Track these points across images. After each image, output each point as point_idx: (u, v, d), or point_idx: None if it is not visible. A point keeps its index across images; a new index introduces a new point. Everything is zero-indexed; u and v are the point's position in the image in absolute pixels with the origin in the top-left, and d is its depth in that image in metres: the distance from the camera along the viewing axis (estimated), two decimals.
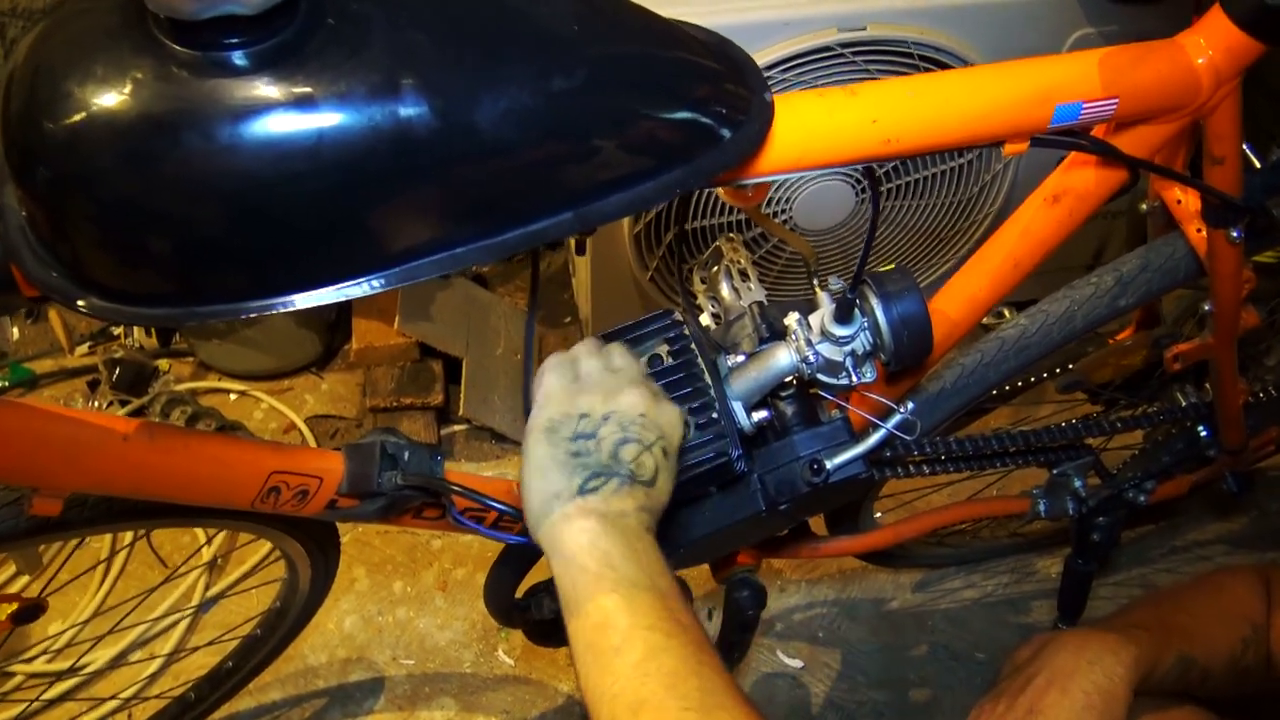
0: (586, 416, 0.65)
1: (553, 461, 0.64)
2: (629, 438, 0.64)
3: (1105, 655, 0.84)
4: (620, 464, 0.64)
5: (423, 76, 0.49)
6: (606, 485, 0.63)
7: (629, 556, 0.60)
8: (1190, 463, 1.30)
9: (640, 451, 0.64)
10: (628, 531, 0.62)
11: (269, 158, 0.47)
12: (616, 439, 0.64)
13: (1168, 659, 0.88)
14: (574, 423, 0.65)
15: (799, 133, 0.65)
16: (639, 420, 0.65)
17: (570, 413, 0.65)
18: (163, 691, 1.38)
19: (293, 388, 1.86)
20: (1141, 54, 0.73)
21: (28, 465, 0.66)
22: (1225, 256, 0.90)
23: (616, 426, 0.64)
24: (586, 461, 0.63)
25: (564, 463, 0.63)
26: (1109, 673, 0.83)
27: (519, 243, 0.54)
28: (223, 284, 0.51)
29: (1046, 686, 0.85)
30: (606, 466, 0.63)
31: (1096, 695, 0.83)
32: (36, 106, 0.48)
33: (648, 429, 0.65)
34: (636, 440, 0.64)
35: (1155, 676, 0.87)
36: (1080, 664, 0.84)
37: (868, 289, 0.82)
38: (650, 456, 0.65)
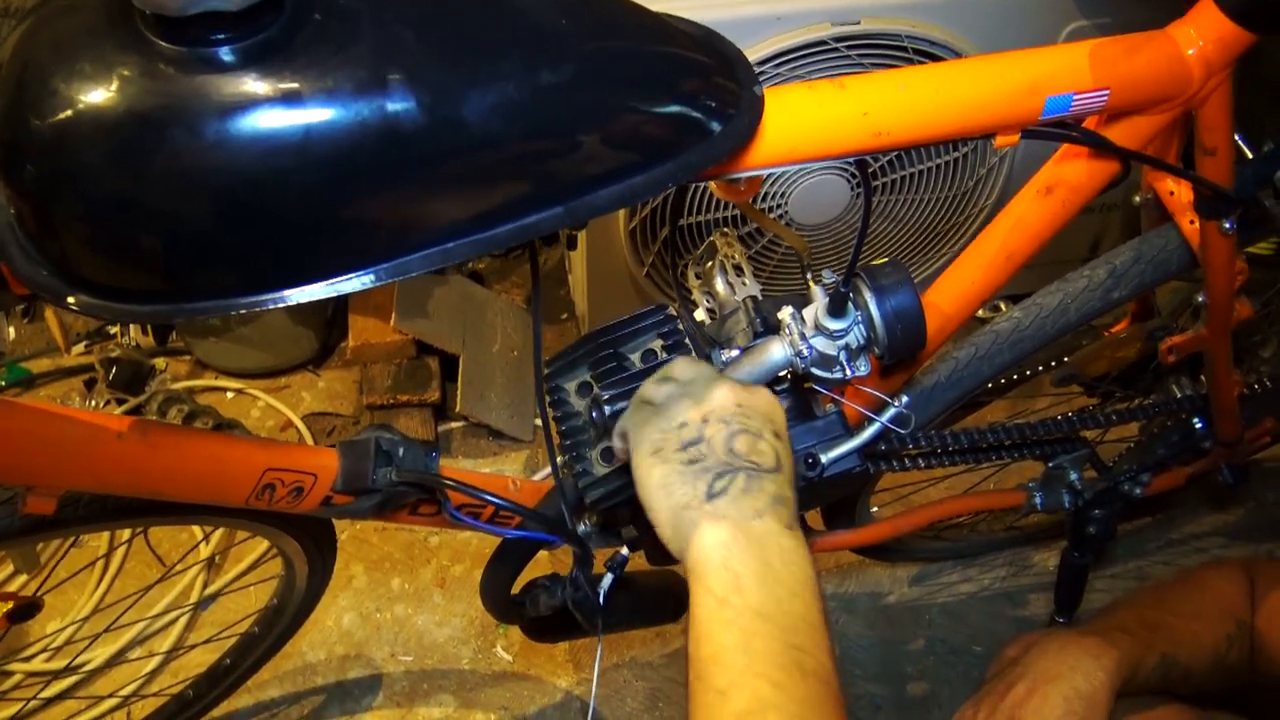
0: (685, 425, 0.61)
1: (673, 475, 0.60)
2: (736, 430, 0.61)
3: (1086, 660, 0.84)
4: (739, 457, 0.60)
5: (410, 71, 0.49)
6: (734, 482, 0.59)
7: (762, 576, 0.56)
8: (1186, 455, 1.31)
9: (754, 440, 0.61)
10: (765, 541, 0.57)
11: (256, 154, 0.47)
12: (725, 434, 0.61)
13: (1150, 660, 0.88)
14: (676, 435, 0.61)
15: (789, 126, 0.65)
16: (737, 411, 0.62)
17: (668, 429, 0.62)
18: (161, 689, 1.38)
19: (289, 385, 1.86)
20: (1132, 45, 0.73)
21: (20, 463, 0.66)
22: (1218, 248, 0.90)
23: (719, 424, 0.61)
24: (706, 465, 0.60)
25: (683, 473, 0.60)
26: (1090, 677, 0.83)
27: (509, 237, 0.54)
28: (212, 280, 0.51)
29: (1028, 693, 0.85)
30: (727, 464, 0.60)
31: (1077, 701, 0.83)
32: (23, 104, 0.48)
33: (750, 417, 0.62)
34: (745, 430, 0.61)
35: (1138, 678, 0.87)
36: (1061, 669, 0.84)
37: (861, 282, 0.82)
38: (765, 443, 0.61)
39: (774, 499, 0.59)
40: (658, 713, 1.47)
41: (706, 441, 0.60)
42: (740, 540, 0.57)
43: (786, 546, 0.58)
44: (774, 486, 0.60)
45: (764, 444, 0.61)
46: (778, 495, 0.60)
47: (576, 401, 0.83)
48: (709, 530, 0.57)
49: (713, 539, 0.57)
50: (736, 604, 0.55)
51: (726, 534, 0.57)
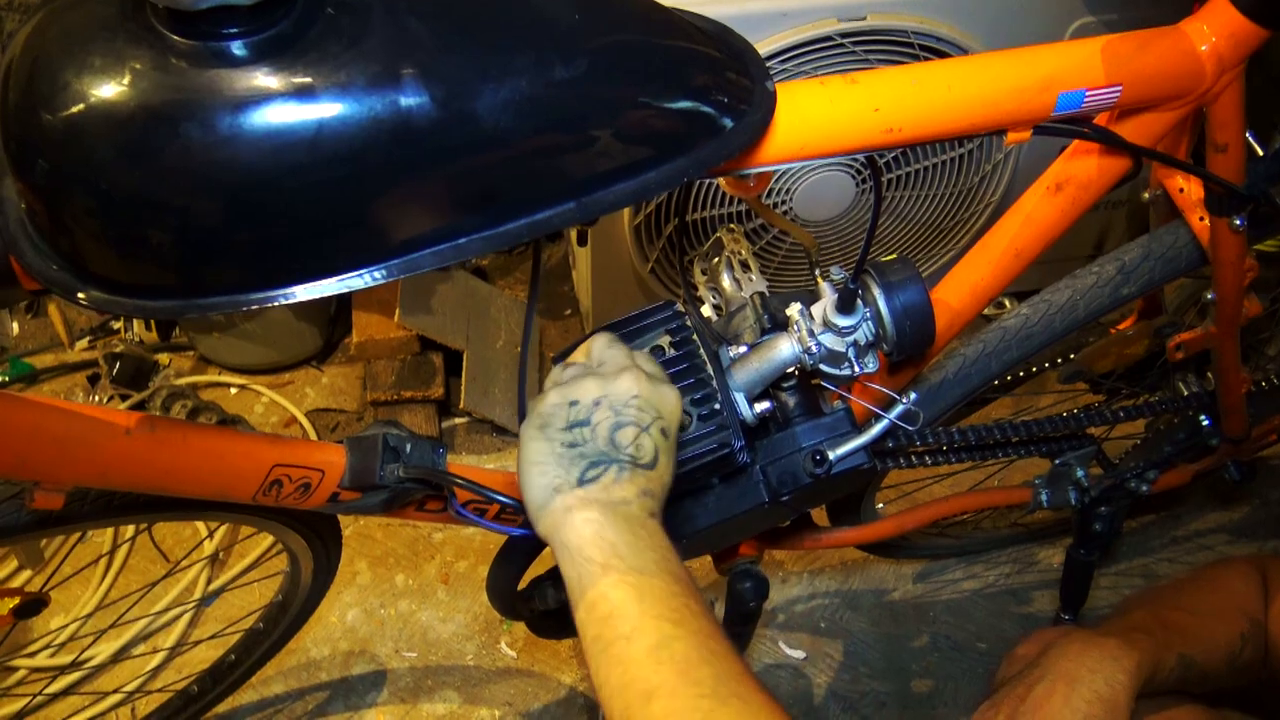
0: (577, 404, 0.64)
1: (550, 455, 0.63)
2: (623, 421, 0.63)
3: (1107, 662, 0.84)
4: (618, 449, 0.63)
5: (423, 66, 0.49)
6: (606, 473, 0.62)
7: (635, 545, 0.59)
8: (1192, 452, 1.30)
9: (637, 434, 0.63)
10: (631, 519, 0.61)
11: (268, 149, 0.47)
12: (611, 423, 0.63)
13: (1169, 662, 0.88)
14: (565, 412, 0.64)
15: (801, 122, 0.64)
16: (633, 402, 0.64)
17: (560, 403, 0.64)
18: (165, 685, 1.38)
19: (293, 381, 1.86)
20: (1145, 41, 0.72)
21: (29, 459, 0.66)
22: (1228, 245, 0.90)
23: (609, 411, 0.63)
24: (583, 451, 0.62)
25: (560, 455, 0.63)
26: (1111, 680, 0.83)
27: (521, 233, 0.54)
28: (223, 276, 0.50)
29: (1048, 694, 0.85)
30: (604, 454, 0.62)
31: (1098, 704, 0.82)
32: (34, 98, 0.48)
33: (643, 410, 0.64)
34: (632, 423, 0.63)
35: (1156, 680, 0.87)
36: (1082, 672, 0.84)
37: (870, 279, 0.81)
38: (649, 438, 0.64)
39: (642, 491, 0.62)
40: None
41: (592, 426, 0.63)
42: (611, 517, 0.60)
43: (654, 528, 0.62)
44: (644, 481, 0.63)
45: (647, 439, 0.64)
46: (645, 489, 0.63)
47: None
48: (580, 510, 0.60)
49: (584, 516, 0.60)
50: (618, 566, 0.58)
51: (597, 514, 0.60)
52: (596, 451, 0.62)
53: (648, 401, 0.64)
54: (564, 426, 0.63)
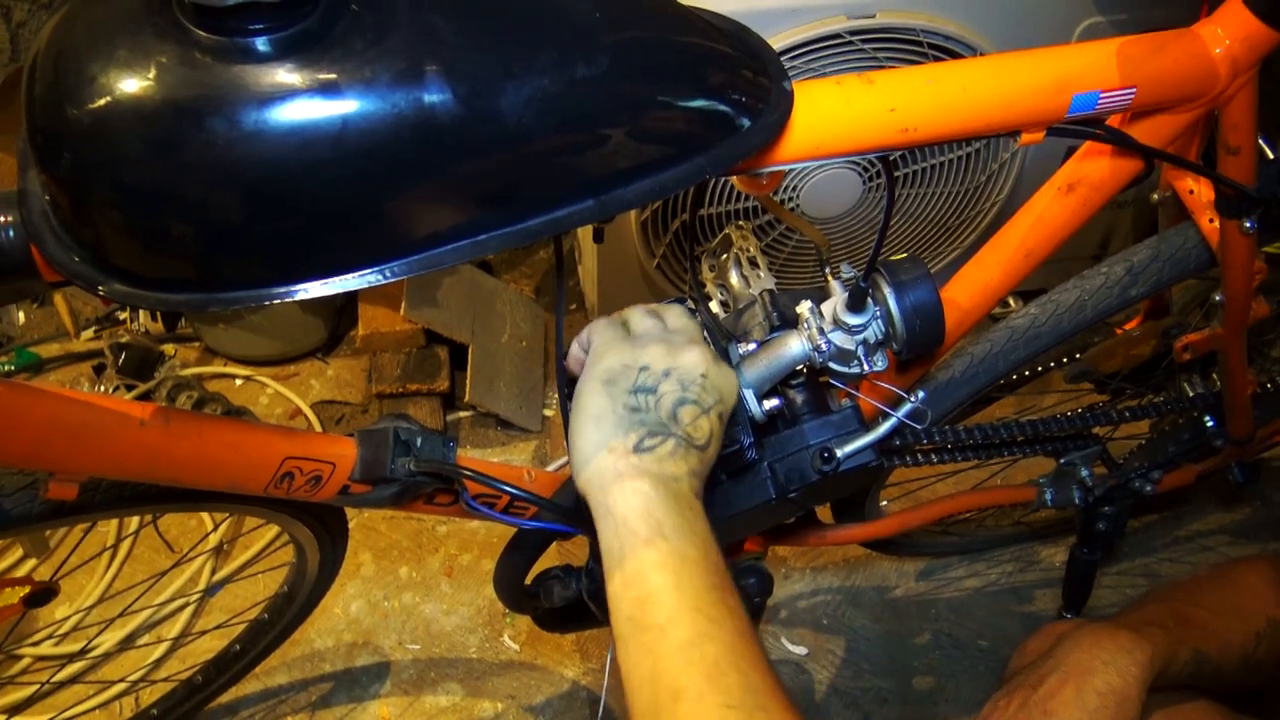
0: (647, 369, 0.63)
1: (610, 413, 0.62)
2: (688, 398, 0.63)
3: (1120, 655, 0.84)
4: (678, 425, 0.62)
5: (446, 63, 0.49)
6: (663, 446, 0.61)
7: (681, 527, 0.58)
8: (1197, 453, 1.31)
9: (699, 414, 0.63)
10: (680, 498, 0.60)
11: (293, 144, 0.47)
12: (676, 398, 0.62)
13: (1182, 656, 0.88)
14: (634, 375, 0.63)
15: (817, 121, 0.65)
16: (699, 381, 0.63)
17: (630, 364, 0.63)
18: (170, 675, 1.38)
19: (298, 373, 1.86)
20: (1159, 43, 0.73)
21: (45, 449, 0.66)
22: (1238, 247, 0.90)
23: (677, 385, 0.63)
24: (644, 419, 0.62)
25: (621, 417, 0.62)
26: (1123, 673, 0.83)
27: (540, 230, 0.54)
28: (244, 270, 0.51)
29: (1060, 686, 0.85)
30: (663, 426, 0.62)
31: (1110, 696, 0.83)
32: (59, 91, 0.48)
33: (707, 391, 0.64)
34: (695, 401, 0.63)
35: (1169, 674, 0.87)
36: (1095, 664, 0.84)
37: (880, 277, 0.82)
38: (707, 420, 0.63)
39: (692, 471, 0.62)
40: None
41: (658, 397, 0.63)
42: (662, 493, 0.59)
43: (699, 511, 0.61)
44: (697, 462, 0.63)
45: (706, 421, 0.63)
46: (695, 470, 0.62)
47: None
48: (632, 479, 0.60)
49: (634, 486, 0.59)
50: (663, 546, 0.57)
51: (648, 485, 0.59)
52: (657, 421, 0.62)
53: (713, 383, 0.64)
54: (630, 389, 0.63)
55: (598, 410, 0.62)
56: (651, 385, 0.63)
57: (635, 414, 0.62)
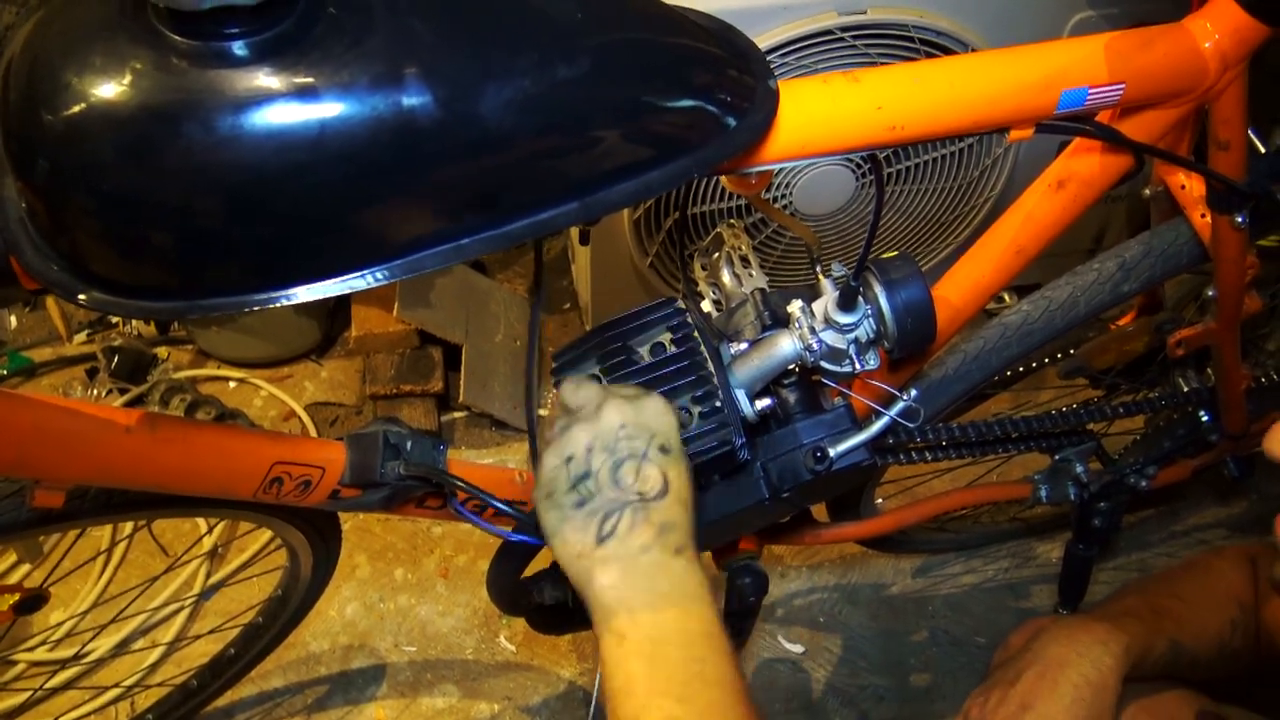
0: (573, 458, 0.62)
1: (563, 523, 0.62)
2: (619, 458, 0.62)
3: (1094, 646, 0.84)
4: (625, 490, 0.61)
5: (426, 66, 0.49)
6: (620, 521, 0.60)
7: (652, 605, 0.58)
8: (1192, 448, 1.31)
9: (637, 466, 0.62)
10: (654, 570, 0.60)
11: (271, 149, 0.47)
12: (609, 465, 0.61)
13: (1159, 646, 0.88)
14: (564, 472, 0.62)
15: (803, 120, 0.64)
16: (621, 434, 0.62)
17: (558, 464, 0.63)
18: (165, 679, 1.38)
19: (292, 375, 1.85)
20: (1148, 38, 0.72)
21: (30, 458, 0.66)
22: (1229, 242, 0.90)
23: (604, 453, 0.62)
24: (593, 506, 0.61)
25: (572, 519, 0.61)
26: (1098, 664, 0.83)
27: (524, 233, 0.53)
28: (225, 276, 0.50)
29: (1037, 680, 0.85)
30: (613, 500, 0.61)
31: (1086, 688, 0.83)
32: (35, 97, 0.48)
33: (634, 437, 0.62)
34: (628, 455, 0.62)
35: (1146, 664, 0.87)
36: (1070, 656, 0.85)
37: (871, 276, 0.81)
38: (650, 465, 0.62)
39: (660, 528, 0.61)
40: None
41: (593, 476, 0.62)
42: (629, 577, 0.59)
43: (675, 570, 0.60)
44: (659, 515, 0.61)
45: (649, 468, 0.62)
46: (664, 523, 0.61)
47: None
48: (600, 575, 0.60)
49: (605, 581, 0.60)
50: (635, 636, 0.58)
51: (616, 574, 0.60)
52: (606, 501, 0.61)
53: (636, 426, 0.63)
54: (568, 488, 0.62)
55: (554, 526, 0.62)
56: (584, 470, 0.62)
57: (583, 508, 0.61)
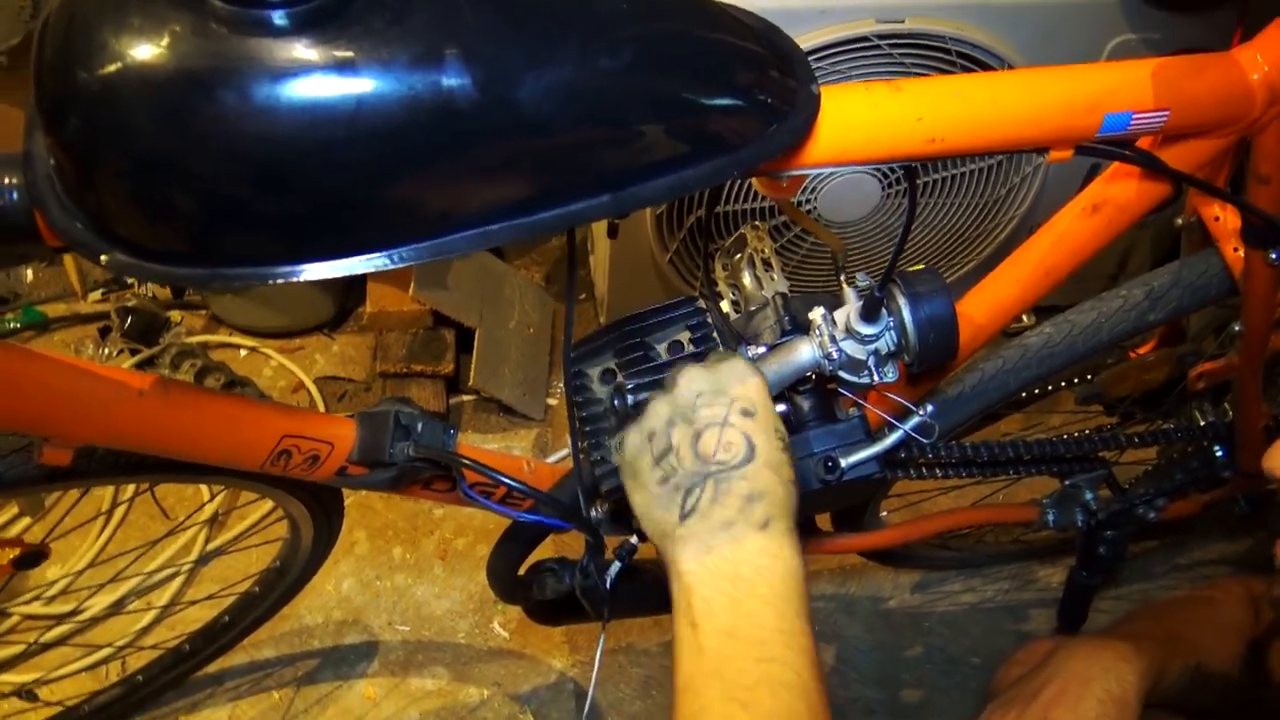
0: (654, 434, 0.61)
1: (650, 503, 0.60)
2: (698, 427, 0.59)
3: (1119, 663, 0.84)
4: (708, 459, 0.59)
5: (467, 47, 0.48)
6: (703, 496, 0.58)
7: (731, 597, 0.56)
8: (1204, 482, 1.29)
9: (718, 433, 0.59)
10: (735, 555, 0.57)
11: (305, 122, 0.46)
12: (689, 437, 0.59)
13: (1174, 669, 0.88)
14: (648, 449, 0.61)
15: (843, 127, 0.63)
16: (699, 401, 0.60)
17: (640, 442, 0.61)
18: (158, 642, 1.38)
19: (304, 347, 1.85)
20: (1196, 66, 0.71)
21: (40, 414, 0.66)
22: (1261, 278, 0.89)
23: (684, 425, 0.60)
24: (677, 481, 0.59)
25: (658, 496, 0.60)
26: (1122, 680, 0.83)
27: (553, 223, 0.53)
28: (249, 247, 0.49)
29: (1060, 694, 0.85)
30: (696, 473, 0.59)
31: (1110, 703, 0.83)
32: (70, 55, 0.47)
33: (713, 404, 0.60)
34: (708, 424, 0.59)
35: (1161, 686, 0.87)
36: (1094, 671, 0.84)
37: (896, 288, 0.80)
38: (733, 430, 0.59)
39: (745, 499, 0.58)
40: (650, 700, 1.46)
41: (675, 451, 0.60)
42: (709, 562, 0.57)
43: (756, 551, 0.57)
44: (744, 484, 0.58)
45: (731, 433, 0.59)
46: (749, 493, 0.58)
47: (599, 388, 0.82)
48: (681, 556, 0.58)
49: (686, 567, 0.57)
50: (707, 629, 0.56)
51: (695, 560, 0.57)
52: (689, 475, 0.59)
53: (714, 391, 0.61)
54: (651, 465, 0.60)
55: (642, 507, 0.61)
56: (666, 446, 0.60)
57: (667, 484, 0.59)
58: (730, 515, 0.58)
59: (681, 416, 0.60)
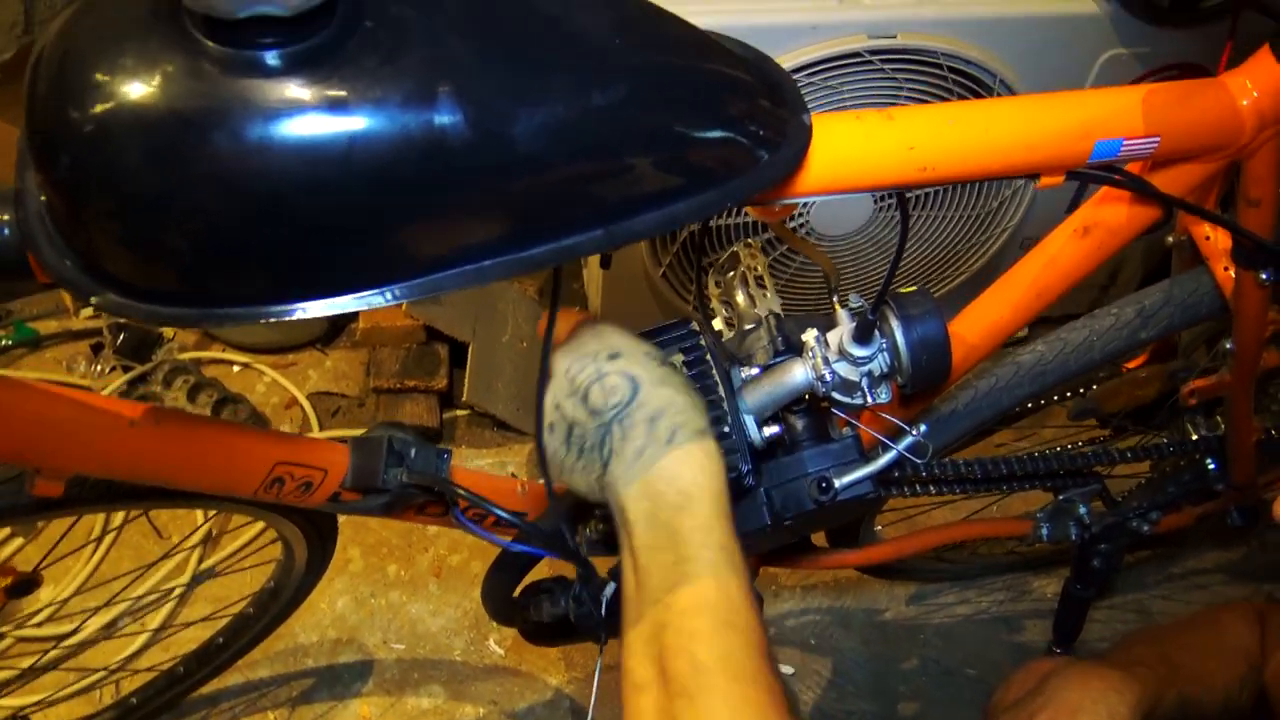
0: (554, 424, 0.63)
1: (578, 472, 0.63)
2: (582, 390, 0.61)
3: (1109, 694, 0.84)
4: (601, 410, 0.60)
5: (459, 85, 0.48)
6: (612, 440, 0.60)
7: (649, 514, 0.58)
8: (1197, 495, 1.30)
9: (599, 385, 0.61)
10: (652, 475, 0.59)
11: (298, 161, 0.46)
12: (577, 403, 0.61)
13: (1168, 698, 0.88)
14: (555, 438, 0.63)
15: (835, 157, 0.63)
16: (569, 374, 0.62)
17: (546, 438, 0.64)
18: (152, 665, 1.37)
19: (296, 363, 1.85)
20: (1185, 93, 0.71)
21: (32, 446, 0.66)
22: (1252, 298, 0.89)
23: (568, 399, 0.62)
24: (590, 443, 0.61)
25: (581, 464, 0.62)
26: (1112, 712, 0.83)
27: (546, 258, 0.53)
28: (242, 287, 0.49)
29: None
30: (598, 428, 0.60)
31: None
32: (62, 92, 0.47)
33: (583, 367, 0.62)
34: (588, 382, 0.61)
35: (1154, 716, 0.86)
36: (1085, 701, 0.84)
37: (889, 310, 0.80)
38: (611, 377, 0.61)
39: (648, 423, 0.60)
40: None
41: (575, 423, 0.62)
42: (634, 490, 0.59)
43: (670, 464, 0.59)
44: (642, 411, 0.60)
45: (610, 379, 0.61)
46: (650, 416, 0.60)
47: None
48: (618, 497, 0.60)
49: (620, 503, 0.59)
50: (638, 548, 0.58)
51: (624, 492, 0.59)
52: (594, 431, 0.61)
53: (579, 356, 0.63)
54: (565, 446, 0.63)
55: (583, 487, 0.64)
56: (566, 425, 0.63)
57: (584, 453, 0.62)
58: (640, 443, 0.59)
59: (564, 393, 0.62)
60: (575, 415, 0.62)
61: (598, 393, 0.61)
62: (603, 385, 0.61)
